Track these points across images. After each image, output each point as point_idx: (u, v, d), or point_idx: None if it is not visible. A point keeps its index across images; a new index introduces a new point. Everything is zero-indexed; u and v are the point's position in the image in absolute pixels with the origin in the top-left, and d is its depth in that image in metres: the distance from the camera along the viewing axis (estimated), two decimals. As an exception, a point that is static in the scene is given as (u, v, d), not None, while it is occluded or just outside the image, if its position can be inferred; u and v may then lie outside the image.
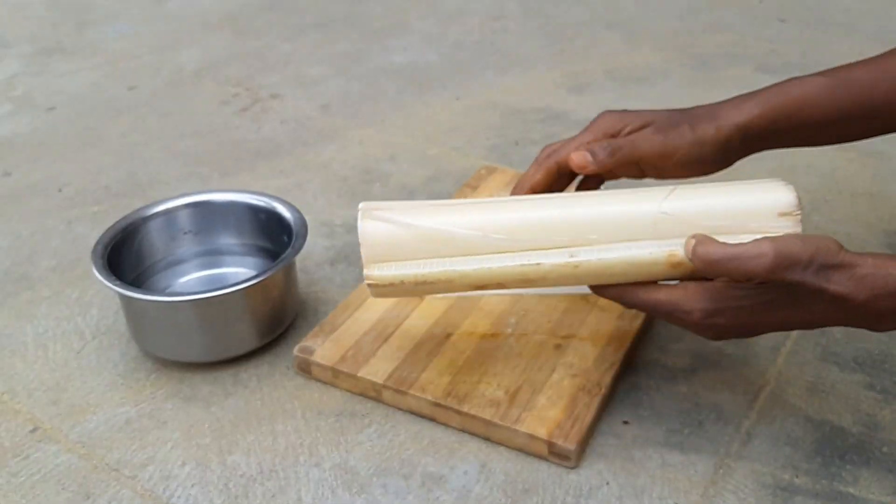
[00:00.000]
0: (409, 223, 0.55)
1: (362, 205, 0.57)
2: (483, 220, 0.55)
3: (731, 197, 0.54)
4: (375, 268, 0.56)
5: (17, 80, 1.29)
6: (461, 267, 0.55)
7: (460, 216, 0.56)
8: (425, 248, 0.55)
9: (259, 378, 0.69)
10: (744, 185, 0.55)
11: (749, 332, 0.53)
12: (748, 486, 0.58)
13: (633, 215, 0.54)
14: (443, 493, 0.58)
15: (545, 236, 0.54)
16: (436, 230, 0.55)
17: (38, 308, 0.79)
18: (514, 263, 0.54)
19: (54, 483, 0.60)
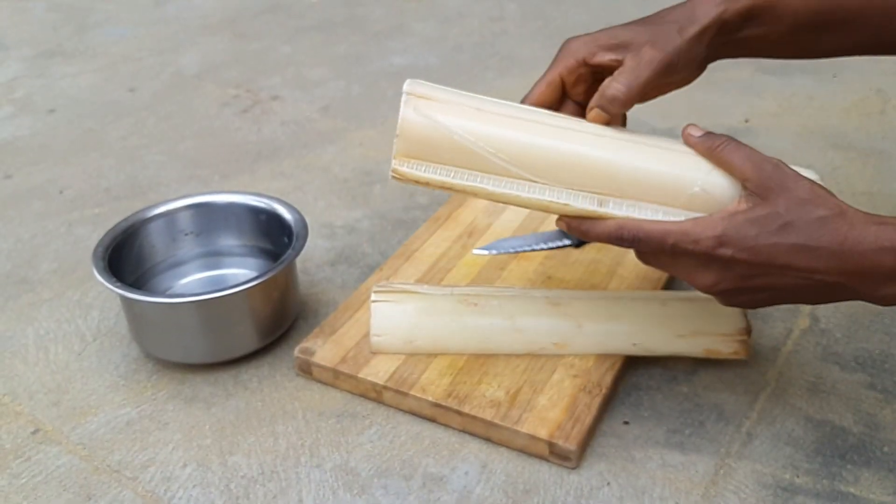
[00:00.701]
0: (449, 128, 0.54)
1: (407, 86, 0.55)
2: (521, 146, 0.54)
3: None
4: (405, 163, 0.55)
5: (18, 82, 1.29)
6: (490, 187, 0.54)
7: (502, 131, 0.54)
8: (460, 158, 0.54)
9: (260, 379, 0.69)
10: None
11: (758, 280, 0.50)
12: (749, 486, 0.58)
13: (671, 182, 0.53)
14: (443, 493, 0.58)
15: (579, 179, 0.54)
16: (473, 146, 0.54)
17: (39, 310, 0.79)
18: (542, 198, 0.54)
19: (56, 484, 0.60)
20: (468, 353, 0.66)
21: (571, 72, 0.57)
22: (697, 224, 0.50)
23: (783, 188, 0.49)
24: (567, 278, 0.74)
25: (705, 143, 0.53)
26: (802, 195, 0.49)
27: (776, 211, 0.49)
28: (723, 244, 0.49)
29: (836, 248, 0.48)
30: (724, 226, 0.50)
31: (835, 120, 1.07)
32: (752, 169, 0.50)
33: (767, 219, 0.49)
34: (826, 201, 0.49)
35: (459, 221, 0.83)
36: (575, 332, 0.65)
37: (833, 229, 0.48)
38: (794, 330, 0.72)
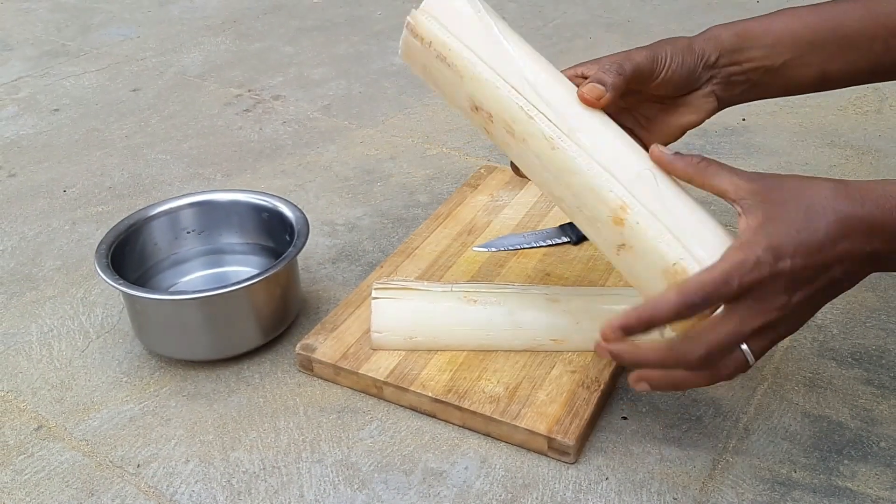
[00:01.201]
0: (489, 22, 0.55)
1: None
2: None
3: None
4: (428, 17, 0.56)
5: (22, 82, 1.30)
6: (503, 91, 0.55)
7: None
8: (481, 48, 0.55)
9: (262, 375, 0.70)
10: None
11: (820, 280, 0.47)
12: (746, 481, 0.58)
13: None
14: (443, 488, 0.59)
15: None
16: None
17: (43, 307, 0.79)
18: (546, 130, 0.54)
19: (59, 480, 0.61)
20: (468, 349, 0.66)
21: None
22: (741, 249, 0.46)
23: (777, 185, 0.48)
24: (566, 275, 0.74)
25: (685, 167, 0.51)
26: (796, 183, 0.48)
27: (793, 204, 0.46)
28: (777, 256, 0.45)
29: (857, 220, 0.46)
30: (765, 238, 0.46)
31: (831, 118, 1.07)
32: (741, 182, 0.48)
33: (790, 213, 0.46)
34: (817, 179, 0.48)
35: (459, 219, 0.83)
36: (573, 328, 0.65)
37: (845, 200, 0.46)
38: (791, 326, 0.72)
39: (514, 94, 0.54)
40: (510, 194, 0.87)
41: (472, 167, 0.99)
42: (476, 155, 1.03)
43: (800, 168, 0.96)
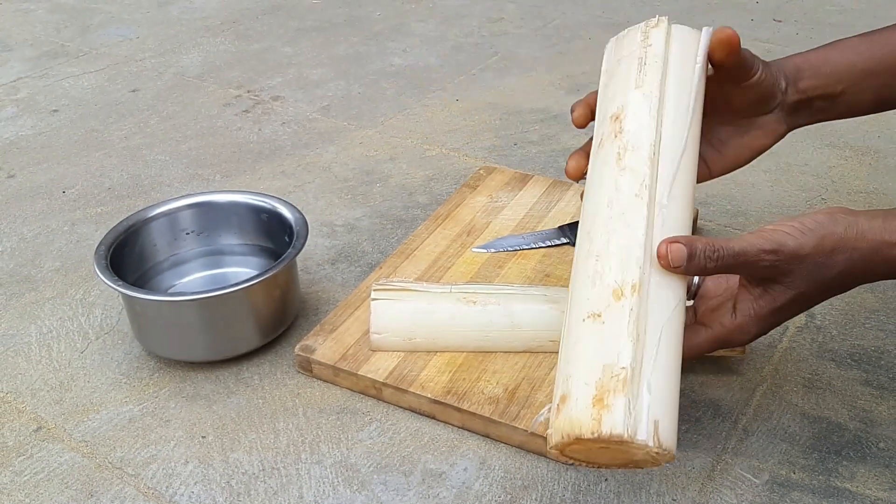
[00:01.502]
0: None
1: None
2: None
3: None
4: None
5: (21, 83, 1.30)
6: None
7: None
8: None
9: (261, 376, 0.70)
10: None
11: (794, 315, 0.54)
12: (745, 482, 0.58)
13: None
14: (443, 489, 0.59)
15: None
16: None
17: (42, 308, 0.79)
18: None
19: (58, 482, 0.61)
20: (467, 350, 0.66)
21: None
22: (730, 332, 0.52)
23: (792, 268, 0.49)
24: (565, 276, 0.74)
25: (702, 272, 0.49)
26: (812, 263, 0.48)
27: (798, 292, 0.50)
28: (760, 334, 0.53)
29: (855, 282, 0.51)
30: (755, 329, 0.52)
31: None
32: (757, 269, 0.49)
33: (792, 303, 0.51)
34: (836, 254, 0.49)
35: (458, 220, 0.83)
36: None
37: (852, 276, 0.50)
38: (789, 326, 0.72)
39: (652, 137, 0.51)
40: (509, 195, 0.87)
41: (472, 168, 0.99)
42: (475, 156, 1.03)
43: (798, 169, 0.96)
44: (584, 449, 0.45)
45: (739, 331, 0.52)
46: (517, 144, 1.05)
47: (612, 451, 0.44)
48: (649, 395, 0.44)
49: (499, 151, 1.04)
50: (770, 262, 0.48)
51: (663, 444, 0.43)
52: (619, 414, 0.43)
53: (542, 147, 1.04)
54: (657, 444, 0.43)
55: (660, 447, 0.43)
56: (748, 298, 0.51)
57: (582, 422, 0.43)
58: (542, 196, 0.87)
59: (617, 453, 0.45)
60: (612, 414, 0.43)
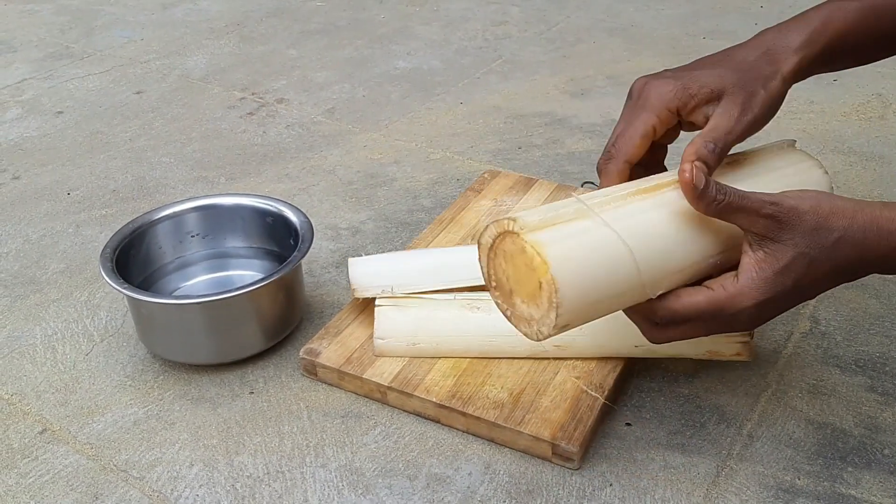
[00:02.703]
0: None
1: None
2: None
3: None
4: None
5: (26, 84, 1.30)
6: None
7: None
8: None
9: (266, 380, 0.70)
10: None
11: (794, 305, 0.52)
12: (750, 488, 0.58)
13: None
14: (447, 493, 0.59)
15: None
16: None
17: (47, 310, 0.79)
18: None
19: (63, 484, 0.61)
20: (470, 356, 0.66)
21: (663, 122, 0.56)
22: (731, 296, 0.50)
23: (792, 225, 0.49)
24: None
25: (706, 208, 0.51)
26: (811, 222, 0.49)
27: (798, 252, 0.49)
28: (763, 307, 0.50)
29: (857, 261, 0.50)
30: (757, 292, 0.49)
31: (835, 124, 1.07)
32: (757, 219, 0.50)
33: (794, 263, 0.49)
34: (834, 217, 0.49)
35: (463, 224, 0.84)
36: (576, 334, 0.65)
37: (851, 245, 0.49)
38: (794, 332, 0.72)
39: None
40: (514, 199, 0.87)
41: (476, 172, 0.99)
42: (480, 159, 1.03)
43: (803, 174, 0.96)
44: (508, 264, 0.49)
45: (741, 294, 0.50)
46: (521, 148, 1.05)
47: (517, 267, 0.48)
48: (574, 232, 0.48)
49: (503, 155, 1.04)
50: (771, 211, 0.49)
51: (549, 264, 0.46)
52: (535, 219, 0.48)
53: (546, 151, 1.04)
54: (541, 256, 0.46)
55: (543, 260, 0.46)
56: (750, 262, 0.50)
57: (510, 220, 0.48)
58: (546, 200, 0.87)
59: (520, 268, 0.48)
60: (531, 218, 0.48)
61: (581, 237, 0.48)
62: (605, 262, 0.48)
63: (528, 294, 0.48)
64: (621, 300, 0.51)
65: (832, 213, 0.49)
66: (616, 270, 0.48)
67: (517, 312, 0.50)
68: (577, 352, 0.66)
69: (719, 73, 0.55)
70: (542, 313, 0.48)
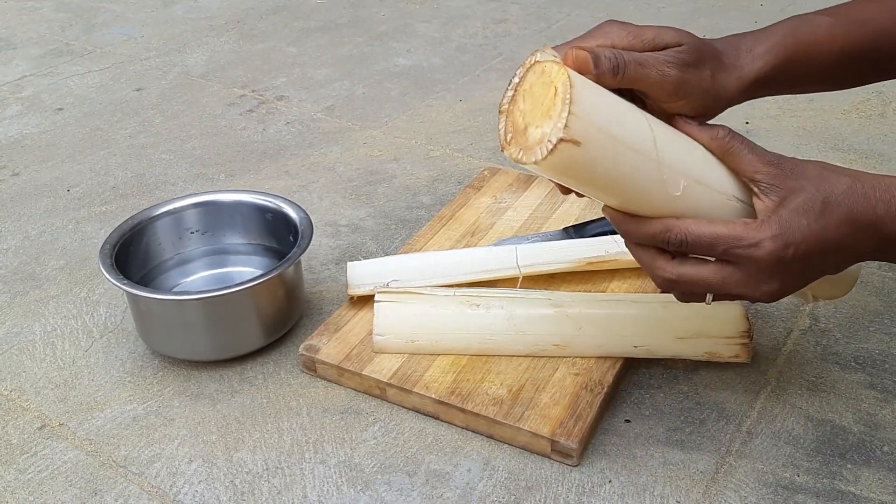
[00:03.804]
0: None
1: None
2: None
3: None
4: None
5: (26, 81, 1.30)
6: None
7: None
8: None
9: (265, 376, 0.70)
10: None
11: (811, 272, 0.50)
12: (749, 485, 0.58)
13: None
14: (447, 490, 0.59)
15: None
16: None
17: (47, 307, 0.79)
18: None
19: (62, 480, 0.61)
20: (470, 353, 0.66)
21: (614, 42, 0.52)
22: (749, 227, 0.48)
23: (797, 173, 0.48)
24: (569, 279, 0.74)
25: (710, 141, 0.50)
26: (817, 174, 0.49)
27: (810, 193, 0.48)
28: (786, 244, 0.47)
29: (872, 218, 0.48)
30: (777, 224, 0.47)
31: (835, 122, 1.07)
32: (762, 166, 0.49)
33: (808, 203, 0.47)
34: (838, 172, 0.49)
35: (462, 221, 0.84)
36: (576, 333, 0.65)
37: (862, 198, 0.48)
38: (794, 330, 0.72)
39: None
40: (513, 196, 0.87)
41: (476, 169, 0.99)
42: (479, 157, 1.03)
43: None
44: (523, 98, 0.48)
45: (760, 226, 0.47)
46: (521, 145, 1.05)
47: (535, 95, 0.47)
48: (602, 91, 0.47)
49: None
50: (774, 159, 0.49)
51: (568, 71, 0.45)
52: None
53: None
54: (562, 68, 0.45)
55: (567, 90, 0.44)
56: (763, 204, 0.48)
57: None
58: (546, 197, 0.87)
59: (538, 93, 0.47)
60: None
61: (607, 96, 0.47)
62: (624, 117, 0.47)
63: (543, 112, 0.45)
64: (635, 160, 0.47)
65: (835, 170, 0.49)
66: (634, 129, 0.47)
67: (528, 144, 0.46)
68: (576, 351, 0.66)
69: (681, 35, 0.53)
70: (554, 120, 0.44)
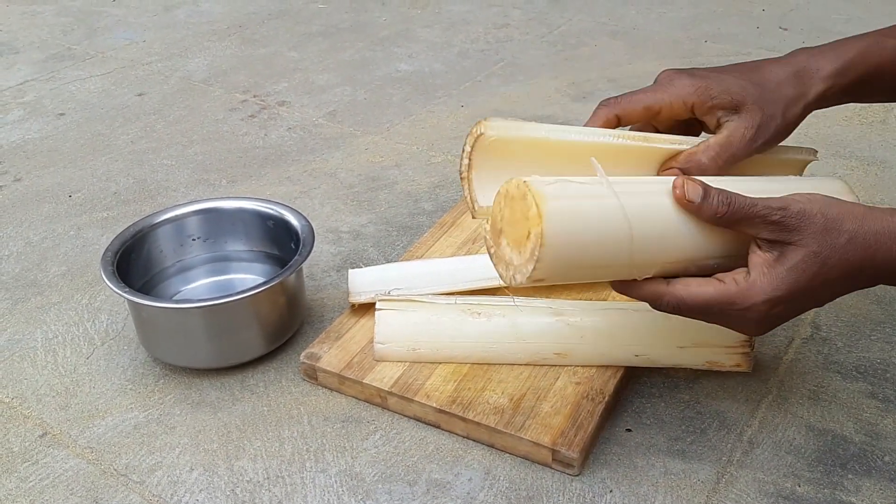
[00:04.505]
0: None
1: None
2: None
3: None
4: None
5: (28, 86, 1.30)
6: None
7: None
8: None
9: (266, 384, 0.70)
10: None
11: (805, 310, 0.52)
12: (750, 495, 0.58)
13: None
14: (447, 499, 0.59)
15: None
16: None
17: (48, 313, 0.79)
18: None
19: (63, 488, 0.61)
20: (471, 361, 0.66)
21: (674, 110, 0.56)
22: (741, 289, 0.49)
23: (801, 228, 0.49)
24: (570, 287, 0.74)
25: (710, 217, 0.50)
26: (820, 224, 0.49)
27: (810, 251, 0.49)
28: (774, 305, 0.49)
29: (870, 264, 0.49)
30: (769, 287, 0.49)
31: (836, 129, 1.07)
32: (765, 226, 0.49)
33: (806, 262, 0.49)
34: (843, 220, 0.49)
35: (464, 228, 0.84)
36: (577, 342, 0.65)
37: (862, 246, 0.49)
38: (795, 339, 0.72)
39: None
40: (515, 203, 0.87)
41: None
42: (481, 163, 1.03)
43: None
44: (507, 207, 0.49)
45: (752, 289, 0.49)
46: (522, 152, 1.05)
47: (514, 211, 0.48)
48: (579, 193, 0.48)
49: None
50: (779, 217, 0.49)
51: (544, 218, 0.46)
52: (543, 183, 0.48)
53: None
54: (538, 208, 0.46)
55: (536, 203, 0.46)
56: (760, 260, 0.50)
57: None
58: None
59: (516, 213, 0.48)
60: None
61: (584, 200, 0.48)
62: (600, 232, 0.48)
63: (515, 239, 0.48)
64: (605, 272, 0.51)
65: (841, 216, 0.49)
66: (609, 243, 0.49)
67: (500, 252, 0.50)
68: (577, 360, 0.66)
69: (744, 85, 0.56)
70: (521, 262, 0.48)
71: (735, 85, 0.55)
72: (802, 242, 0.49)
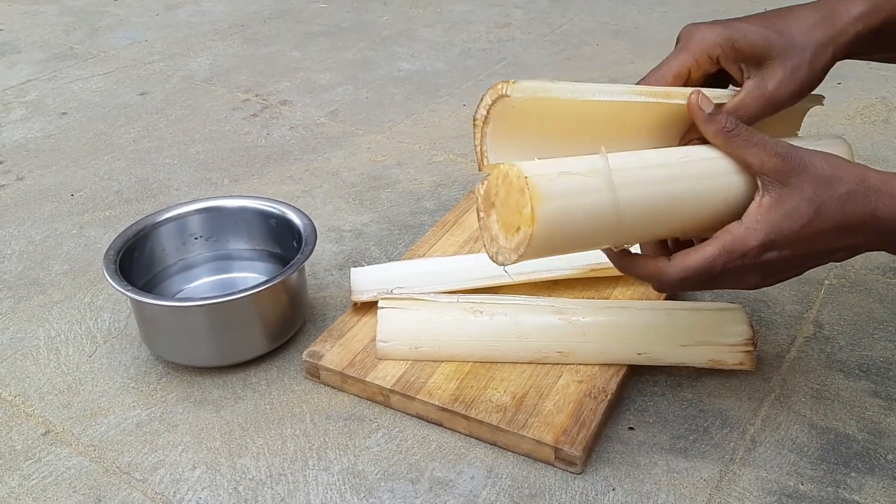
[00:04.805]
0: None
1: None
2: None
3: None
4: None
5: (30, 85, 1.30)
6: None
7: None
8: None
9: (268, 382, 0.70)
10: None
11: (802, 267, 0.51)
12: (753, 493, 0.58)
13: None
14: (450, 497, 0.59)
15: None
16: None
17: (50, 312, 0.80)
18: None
19: (66, 486, 0.61)
20: (473, 360, 0.66)
21: (700, 66, 0.54)
22: (736, 238, 0.49)
23: (802, 170, 0.49)
24: (572, 286, 0.74)
25: (715, 133, 0.51)
26: (822, 172, 0.49)
27: (805, 196, 0.48)
28: (767, 249, 0.49)
29: (870, 220, 0.49)
30: (764, 230, 0.49)
31: (839, 127, 1.07)
32: (768, 158, 0.49)
33: (801, 207, 0.48)
34: (845, 172, 0.49)
35: (466, 226, 0.84)
36: (580, 340, 0.65)
37: (862, 201, 0.48)
38: (798, 337, 0.72)
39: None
40: (517, 202, 0.87)
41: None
42: (483, 162, 1.03)
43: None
44: (503, 188, 0.49)
45: (746, 233, 0.49)
46: (524, 151, 1.05)
47: (510, 196, 0.48)
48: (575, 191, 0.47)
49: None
50: (782, 151, 0.48)
51: (536, 221, 0.46)
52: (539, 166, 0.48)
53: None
54: (533, 209, 0.46)
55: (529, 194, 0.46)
56: (755, 206, 0.50)
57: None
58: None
59: (511, 200, 0.48)
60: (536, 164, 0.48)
61: (581, 199, 0.48)
62: (590, 228, 0.49)
63: (506, 223, 0.48)
64: (587, 249, 0.52)
65: (843, 169, 0.49)
66: (596, 236, 0.50)
67: (488, 222, 0.50)
68: (580, 358, 0.66)
69: (767, 34, 0.53)
70: (508, 247, 0.48)
71: (759, 36, 0.53)
72: (800, 187, 0.48)
